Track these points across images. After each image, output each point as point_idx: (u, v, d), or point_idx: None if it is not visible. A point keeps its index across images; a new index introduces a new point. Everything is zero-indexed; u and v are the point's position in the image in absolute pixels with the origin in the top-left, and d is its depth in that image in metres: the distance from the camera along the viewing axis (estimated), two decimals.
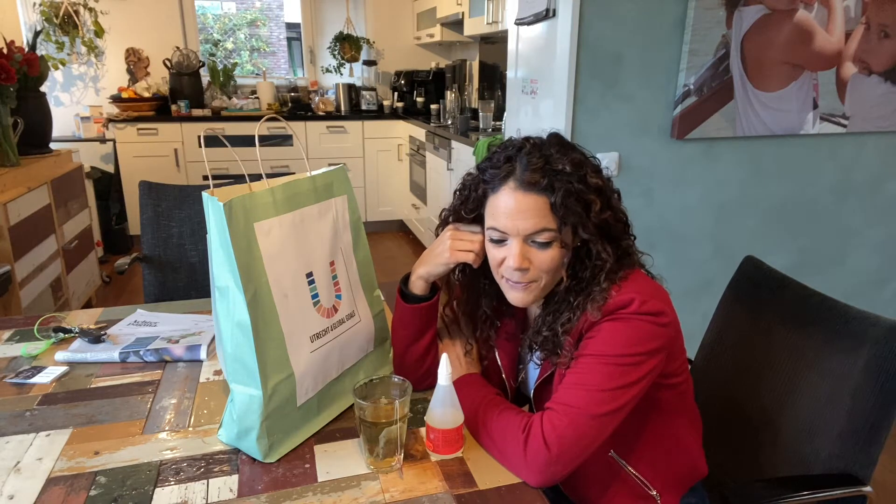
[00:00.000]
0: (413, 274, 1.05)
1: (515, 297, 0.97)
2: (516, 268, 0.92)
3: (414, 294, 1.05)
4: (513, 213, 0.91)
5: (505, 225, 0.92)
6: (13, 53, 2.65)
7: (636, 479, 1.02)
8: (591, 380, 0.89)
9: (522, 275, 0.93)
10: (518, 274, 0.93)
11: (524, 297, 0.96)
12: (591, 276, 0.93)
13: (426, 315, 1.05)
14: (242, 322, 0.86)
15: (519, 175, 0.91)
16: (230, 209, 0.85)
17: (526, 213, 0.90)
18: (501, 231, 0.93)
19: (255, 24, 8.77)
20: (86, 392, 1.11)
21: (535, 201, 0.90)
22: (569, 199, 0.90)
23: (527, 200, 0.90)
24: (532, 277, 0.94)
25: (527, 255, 0.92)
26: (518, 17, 2.34)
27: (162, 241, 1.94)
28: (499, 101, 3.97)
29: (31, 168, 2.77)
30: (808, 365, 1.14)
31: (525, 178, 0.90)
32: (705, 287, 2.34)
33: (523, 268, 0.92)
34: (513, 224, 0.91)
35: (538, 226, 0.90)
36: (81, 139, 4.40)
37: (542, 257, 0.92)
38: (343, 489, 0.85)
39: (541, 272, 0.93)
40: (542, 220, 0.90)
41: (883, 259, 2.57)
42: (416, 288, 1.04)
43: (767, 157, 2.30)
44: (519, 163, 0.92)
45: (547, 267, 0.93)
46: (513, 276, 0.94)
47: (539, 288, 0.95)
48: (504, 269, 0.95)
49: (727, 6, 2.05)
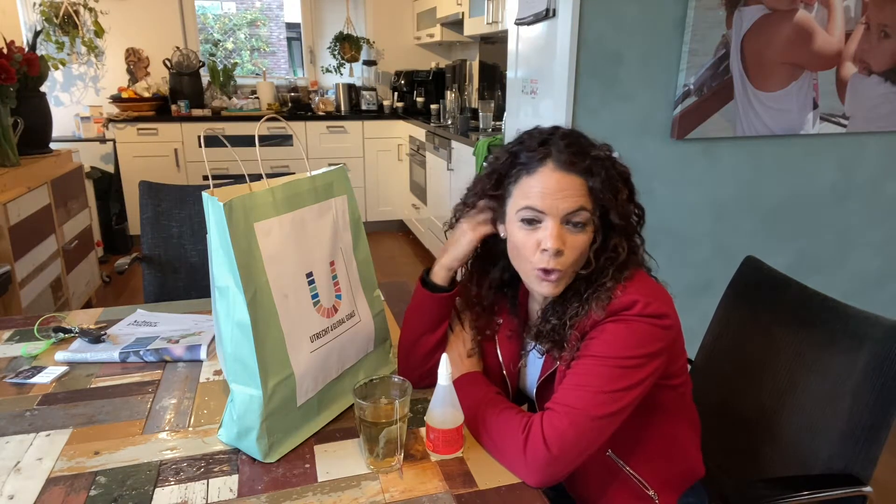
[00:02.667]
0: (436, 264, 1.05)
1: (546, 288, 0.93)
2: (555, 248, 0.89)
3: (435, 283, 1.05)
4: (553, 191, 0.90)
5: (544, 204, 0.90)
6: (13, 53, 2.65)
7: (634, 479, 1.02)
8: (593, 381, 0.89)
9: (558, 259, 0.90)
10: (554, 259, 0.90)
11: (555, 289, 0.94)
12: (602, 268, 0.93)
13: (444, 306, 1.05)
14: (242, 322, 0.86)
15: (557, 156, 0.91)
16: (230, 209, 0.85)
17: (566, 192, 0.90)
18: (539, 210, 0.91)
19: (255, 24, 8.78)
20: (86, 392, 1.11)
21: (574, 181, 0.90)
22: (606, 182, 0.91)
23: (567, 180, 0.90)
24: (564, 264, 0.91)
25: (564, 237, 0.91)
26: (518, 17, 2.34)
27: (162, 241, 1.94)
28: (499, 101, 3.97)
29: (31, 168, 2.77)
30: (808, 365, 1.14)
31: (564, 158, 0.91)
32: (705, 287, 2.34)
33: (561, 249, 0.90)
34: (553, 203, 0.90)
35: (577, 204, 0.90)
36: (81, 139, 4.40)
37: (576, 241, 0.91)
38: (343, 489, 0.85)
39: (571, 259, 0.91)
40: (581, 199, 0.90)
41: (883, 259, 2.57)
42: (437, 277, 1.05)
43: (767, 157, 2.30)
44: (555, 145, 0.92)
45: (579, 253, 0.92)
46: (548, 263, 0.91)
47: (567, 277, 0.94)
48: (538, 256, 0.91)
49: (727, 6, 2.05)
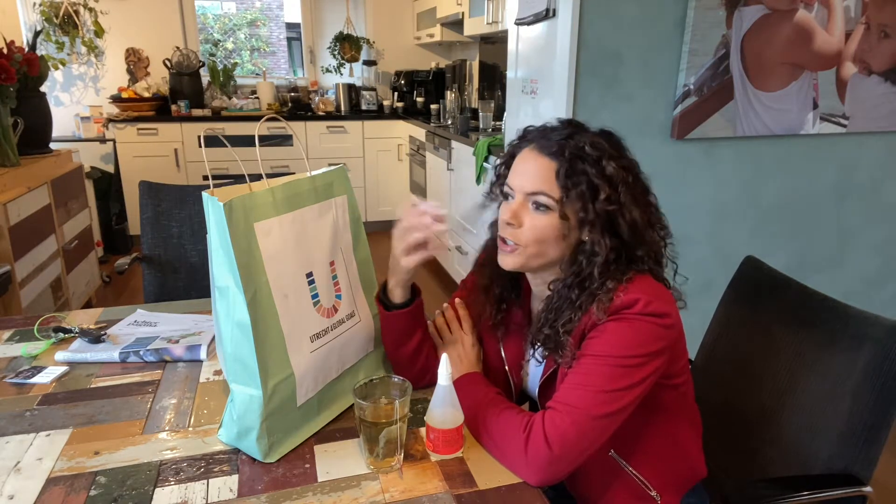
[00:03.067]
0: (390, 282, 1.04)
1: (502, 259, 0.99)
2: (506, 220, 0.95)
3: (393, 303, 1.04)
4: (522, 171, 0.95)
5: (512, 180, 0.96)
6: (13, 53, 2.65)
7: (636, 479, 1.02)
8: (594, 380, 0.88)
9: (512, 230, 0.95)
10: (508, 230, 0.95)
11: (511, 260, 0.97)
12: (590, 271, 0.93)
13: (408, 320, 1.05)
14: (242, 322, 0.86)
15: (539, 141, 0.95)
16: (230, 209, 0.85)
17: (531, 173, 0.94)
18: (509, 186, 0.96)
19: (255, 24, 8.78)
20: (86, 392, 1.11)
21: (543, 164, 0.93)
22: (574, 173, 0.91)
23: (537, 162, 0.94)
24: (519, 240, 0.95)
25: (520, 213, 0.94)
26: (518, 17, 2.34)
27: (162, 241, 1.94)
28: (499, 101, 3.97)
29: (31, 168, 2.77)
30: (808, 365, 1.14)
31: (543, 143, 0.94)
32: (705, 287, 2.32)
33: (511, 222, 0.94)
34: (518, 180, 0.95)
35: (537, 187, 0.93)
36: (81, 139, 4.39)
37: (534, 221, 0.94)
38: (343, 489, 0.85)
39: (528, 237, 0.94)
40: (544, 184, 0.93)
41: (883, 259, 2.57)
42: (395, 297, 1.04)
43: (767, 157, 2.30)
44: (548, 133, 0.96)
45: (535, 234, 0.94)
46: (503, 232, 0.96)
47: (525, 255, 0.96)
48: (502, 227, 0.97)
49: (727, 6, 2.05)
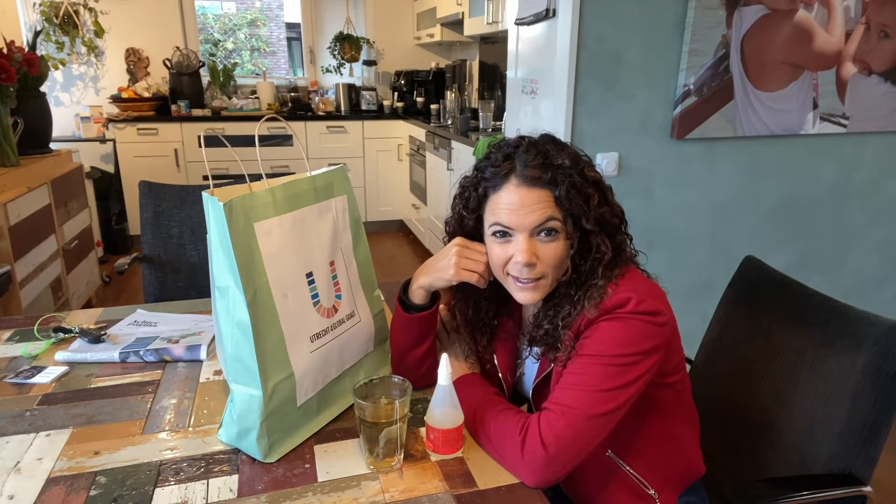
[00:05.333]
0: (414, 283, 1.03)
1: (524, 296, 0.96)
2: (525, 263, 0.92)
3: (413, 303, 1.04)
4: (517, 208, 0.92)
5: (510, 221, 0.93)
6: (13, 53, 2.65)
7: (634, 478, 1.02)
8: (589, 380, 0.89)
9: (531, 270, 0.93)
10: (526, 270, 0.93)
11: (533, 295, 0.95)
12: (591, 269, 0.94)
13: (425, 324, 1.04)
14: (242, 322, 0.86)
15: (520, 171, 0.92)
16: (230, 209, 0.85)
17: (531, 207, 0.91)
18: (506, 226, 0.93)
19: (255, 24, 8.77)
20: (86, 392, 1.11)
21: (539, 195, 0.91)
22: (572, 191, 0.91)
23: (531, 195, 0.91)
24: (540, 273, 0.93)
25: (534, 249, 0.92)
26: (518, 17, 2.34)
27: (162, 241, 1.94)
28: (499, 101, 3.97)
29: (31, 168, 2.77)
30: (808, 365, 1.14)
31: (527, 173, 0.92)
32: (705, 287, 2.34)
33: (531, 263, 0.92)
34: (518, 219, 0.92)
35: (544, 216, 0.91)
36: (81, 139, 4.39)
37: (548, 251, 0.92)
38: (343, 489, 0.85)
39: (547, 267, 0.93)
40: (548, 210, 0.91)
41: (883, 259, 2.57)
42: (416, 297, 1.03)
43: (767, 157, 2.30)
44: (518, 160, 0.93)
45: (553, 261, 0.93)
46: (521, 274, 0.93)
47: (547, 285, 0.95)
48: (511, 266, 0.94)
49: (727, 6, 2.05)
